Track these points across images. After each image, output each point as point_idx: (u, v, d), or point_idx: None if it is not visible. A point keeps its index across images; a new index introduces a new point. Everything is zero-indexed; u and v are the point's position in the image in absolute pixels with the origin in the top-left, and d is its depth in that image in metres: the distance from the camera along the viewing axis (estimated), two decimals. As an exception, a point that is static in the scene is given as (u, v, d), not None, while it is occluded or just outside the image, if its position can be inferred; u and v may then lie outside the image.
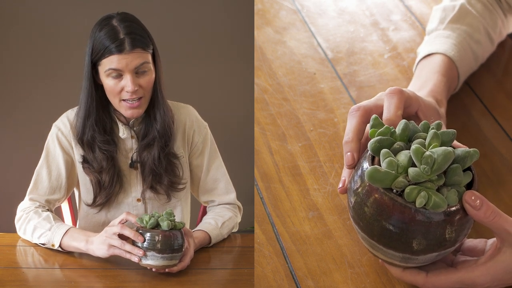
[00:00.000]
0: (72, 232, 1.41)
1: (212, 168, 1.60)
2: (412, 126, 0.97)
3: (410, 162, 0.92)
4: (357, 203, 0.96)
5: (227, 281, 1.36)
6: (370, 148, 0.95)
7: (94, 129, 1.48)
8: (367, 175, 0.91)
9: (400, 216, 0.91)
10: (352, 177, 0.99)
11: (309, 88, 1.41)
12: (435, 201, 0.90)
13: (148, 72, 1.45)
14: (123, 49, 1.41)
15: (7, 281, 1.29)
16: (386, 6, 1.62)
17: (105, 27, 1.43)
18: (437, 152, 0.90)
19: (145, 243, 1.29)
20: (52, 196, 1.53)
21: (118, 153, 1.52)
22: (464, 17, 1.33)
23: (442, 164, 0.90)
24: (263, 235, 1.12)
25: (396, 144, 0.95)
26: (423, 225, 0.91)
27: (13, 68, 2.45)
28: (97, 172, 1.50)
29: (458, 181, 0.93)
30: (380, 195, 0.93)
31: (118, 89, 1.43)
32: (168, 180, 1.53)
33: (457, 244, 0.95)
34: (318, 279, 1.04)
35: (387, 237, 0.93)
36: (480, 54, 1.34)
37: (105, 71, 1.43)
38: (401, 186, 0.92)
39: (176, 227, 1.31)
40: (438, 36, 1.32)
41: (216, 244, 1.50)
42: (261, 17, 1.60)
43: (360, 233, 0.98)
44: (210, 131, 1.62)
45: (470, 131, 1.28)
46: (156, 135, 1.51)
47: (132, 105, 1.45)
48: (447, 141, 0.95)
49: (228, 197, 1.61)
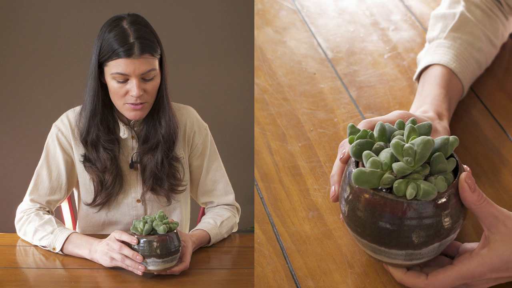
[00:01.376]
0: (74, 238, 1.41)
1: (212, 170, 1.60)
2: (388, 127, 0.99)
3: (393, 158, 0.93)
4: (350, 210, 0.97)
5: (227, 281, 1.36)
6: (351, 152, 0.96)
7: (99, 128, 1.48)
8: (353, 178, 0.92)
9: (394, 212, 0.92)
10: (341, 187, 1.00)
11: (309, 88, 1.41)
12: (424, 189, 0.91)
13: (154, 78, 1.45)
14: (132, 53, 1.40)
15: (7, 281, 1.29)
16: (386, 6, 1.62)
17: (114, 28, 1.42)
18: (416, 142, 0.91)
19: (145, 250, 1.28)
20: (52, 197, 1.53)
21: (119, 153, 1.52)
22: (464, 26, 1.33)
23: (424, 152, 0.91)
24: (263, 235, 1.12)
25: (376, 145, 0.96)
26: (418, 217, 0.92)
27: (13, 68, 2.45)
28: (100, 172, 1.49)
29: (443, 168, 0.94)
30: (370, 196, 0.93)
31: (123, 92, 1.43)
32: (169, 184, 1.52)
33: (455, 231, 0.96)
34: (318, 279, 1.04)
35: (386, 236, 0.94)
36: (483, 61, 1.35)
37: (111, 74, 1.42)
38: (388, 182, 0.92)
39: (171, 229, 1.31)
40: (439, 46, 1.32)
41: (216, 244, 1.50)
42: (261, 17, 1.60)
43: (360, 240, 0.98)
44: (210, 132, 1.62)
45: (470, 131, 1.28)
46: (161, 140, 1.50)
47: (135, 107, 1.44)
48: (424, 133, 0.96)
49: (227, 198, 1.61)
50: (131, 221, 1.55)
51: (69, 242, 1.40)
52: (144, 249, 1.28)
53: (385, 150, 0.95)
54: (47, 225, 1.44)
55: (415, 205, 0.92)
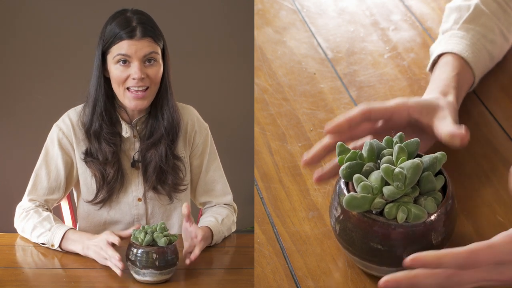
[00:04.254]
0: (70, 234, 1.42)
1: (211, 169, 1.60)
2: (377, 144, 1.00)
3: (383, 181, 0.95)
4: (342, 230, 1.00)
5: (227, 281, 1.36)
6: (342, 175, 0.98)
7: (102, 118, 1.49)
8: (345, 203, 0.95)
9: (385, 234, 0.95)
10: (332, 203, 1.03)
11: (309, 88, 1.41)
12: (415, 213, 0.94)
13: (156, 64, 1.46)
14: (134, 35, 1.42)
15: (7, 281, 1.29)
16: (386, 6, 1.62)
17: (118, 17, 1.46)
18: (405, 166, 0.94)
19: (143, 261, 1.27)
20: (51, 196, 1.53)
21: (121, 151, 1.52)
22: (478, 18, 1.34)
23: (413, 177, 0.94)
24: (263, 235, 1.12)
25: (366, 166, 0.98)
26: (409, 238, 0.95)
27: (13, 68, 2.45)
28: (101, 165, 1.49)
29: (432, 187, 0.97)
30: (362, 219, 0.96)
31: (125, 76, 1.44)
32: (172, 181, 1.53)
33: (444, 246, 0.98)
34: (318, 279, 1.04)
35: (378, 256, 0.97)
36: (496, 53, 1.35)
37: (114, 57, 1.44)
38: (379, 207, 0.95)
39: (171, 241, 1.30)
40: (452, 36, 1.33)
41: (217, 244, 1.50)
42: (261, 17, 1.60)
43: (352, 257, 1.01)
44: (210, 132, 1.62)
45: (470, 131, 1.28)
46: (163, 133, 1.51)
47: (137, 95, 1.45)
48: (412, 151, 0.99)
49: (225, 198, 1.61)
50: (132, 220, 1.55)
51: (65, 239, 1.41)
52: (142, 259, 1.27)
53: (375, 172, 0.97)
54: (45, 222, 1.45)
55: (406, 227, 0.94)
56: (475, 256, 0.89)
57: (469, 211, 1.13)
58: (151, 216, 1.56)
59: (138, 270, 1.27)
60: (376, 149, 1.00)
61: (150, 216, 1.56)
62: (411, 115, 1.12)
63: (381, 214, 0.96)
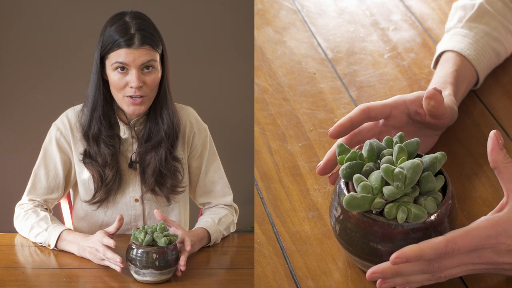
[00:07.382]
0: (65, 235, 1.42)
1: (210, 171, 1.60)
2: (377, 144, 1.01)
3: (383, 181, 0.96)
4: (342, 230, 1.00)
5: (227, 281, 1.36)
6: (342, 175, 0.99)
7: (101, 122, 1.48)
8: (345, 203, 0.95)
9: (385, 234, 0.95)
10: (332, 204, 1.03)
11: (309, 88, 1.41)
12: (415, 213, 0.94)
13: (154, 71, 1.45)
14: (132, 43, 1.42)
15: (7, 281, 1.29)
16: (386, 6, 1.62)
17: (116, 22, 1.44)
18: (405, 166, 0.94)
19: (143, 261, 1.27)
20: (50, 196, 1.53)
21: (119, 153, 1.52)
22: (482, 16, 1.35)
23: (413, 177, 0.94)
24: (263, 235, 1.12)
25: (366, 166, 0.98)
26: (409, 238, 0.95)
27: (13, 68, 2.45)
28: (100, 167, 1.49)
29: (432, 187, 0.97)
30: (362, 219, 0.97)
31: (123, 83, 1.44)
32: (171, 184, 1.52)
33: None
34: (318, 279, 1.04)
35: (378, 255, 0.97)
36: (502, 50, 1.36)
37: (112, 64, 1.43)
38: (379, 207, 0.95)
39: (171, 241, 1.30)
40: (455, 34, 1.34)
41: (216, 244, 1.50)
42: (261, 17, 1.60)
43: (352, 257, 1.02)
44: (209, 133, 1.62)
45: (470, 131, 1.28)
46: (163, 136, 1.50)
47: (134, 101, 1.45)
48: (412, 151, 0.99)
49: (225, 199, 1.60)
50: (129, 221, 1.55)
51: (61, 239, 1.42)
52: (142, 259, 1.27)
53: (375, 172, 0.97)
54: (42, 222, 1.45)
55: (406, 227, 0.95)
56: (452, 245, 0.92)
57: (469, 211, 1.13)
58: (148, 216, 1.56)
59: (138, 270, 1.27)
60: (376, 149, 1.00)
61: (147, 216, 1.56)
62: (409, 107, 1.13)
63: (381, 214, 0.96)
